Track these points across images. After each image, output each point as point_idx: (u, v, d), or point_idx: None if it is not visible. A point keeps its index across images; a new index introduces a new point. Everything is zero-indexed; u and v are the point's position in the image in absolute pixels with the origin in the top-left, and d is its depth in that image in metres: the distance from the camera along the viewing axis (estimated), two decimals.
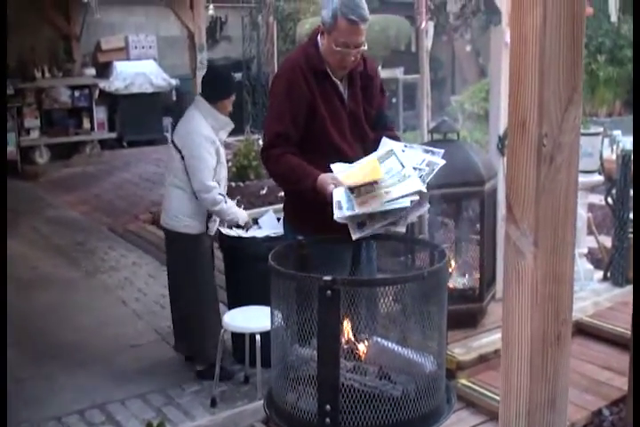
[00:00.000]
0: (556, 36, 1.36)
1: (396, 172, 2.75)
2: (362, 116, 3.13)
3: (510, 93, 1.44)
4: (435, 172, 2.75)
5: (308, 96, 3.00)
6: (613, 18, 9.43)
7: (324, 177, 2.85)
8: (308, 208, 2.99)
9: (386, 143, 2.98)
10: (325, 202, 2.77)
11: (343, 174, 2.81)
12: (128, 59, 11.56)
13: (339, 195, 2.73)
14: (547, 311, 1.49)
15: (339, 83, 3.08)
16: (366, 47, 3.01)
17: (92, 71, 11.24)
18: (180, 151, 4.06)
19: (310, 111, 3.01)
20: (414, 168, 2.77)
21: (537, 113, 1.38)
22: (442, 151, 2.86)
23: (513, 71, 1.43)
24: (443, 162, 2.79)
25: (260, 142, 9.73)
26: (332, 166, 2.88)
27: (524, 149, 1.42)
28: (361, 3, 2.93)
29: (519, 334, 1.52)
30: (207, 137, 4.01)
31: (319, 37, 3.05)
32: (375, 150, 2.94)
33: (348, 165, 2.89)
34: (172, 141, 4.20)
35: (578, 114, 1.43)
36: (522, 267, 1.48)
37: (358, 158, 2.99)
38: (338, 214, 2.65)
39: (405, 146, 2.94)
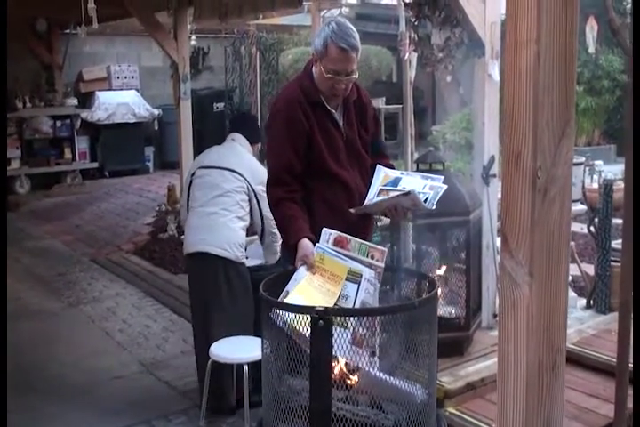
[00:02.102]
0: (549, 71, 1.40)
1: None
2: (358, 143, 3.20)
3: (505, 127, 1.48)
4: (439, 195, 2.83)
5: (307, 128, 3.05)
6: (591, 49, 9.63)
7: (302, 248, 2.85)
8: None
9: (380, 171, 3.04)
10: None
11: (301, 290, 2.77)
12: (110, 89, 11.62)
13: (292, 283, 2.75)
14: (542, 340, 1.51)
15: (334, 111, 3.14)
16: (357, 76, 3.08)
17: (73, 101, 11.27)
18: (247, 181, 4.05)
19: (308, 141, 3.07)
20: (418, 192, 2.84)
21: (531, 146, 1.42)
22: (441, 177, 2.94)
23: (508, 105, 1.47)
24: (445, 186, 2.87)
25: None
26: (324, 230, 2.86)
27: (519, 181, 1.46)
28: (351, 32, 3.01)
29: (515, 362, 1.54)
30: None
31: (313, 67, 3.11)
32: (371, 178, 3.02)
33: (335, 233, 2.85)
34: (232, 170, 4.08)
35: (570, 147, 1.47)
36: (517, 296, 1.50)
37: (356, 184, 3.06)
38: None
39: (402, 173, 3.01)
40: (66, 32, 11.12)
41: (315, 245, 2.83)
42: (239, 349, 3.73)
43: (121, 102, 11.39)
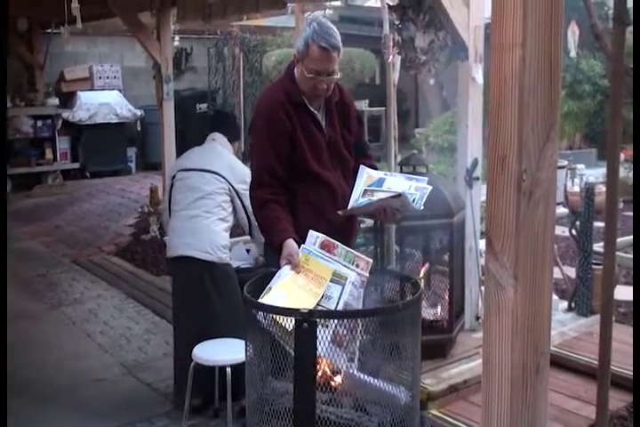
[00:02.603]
0: (534, 75, 1.41)
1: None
2: (341, 144, 3.20)
3: (491, 130, 1.48)
4: (426, 195, 2.84)
5: (289, 129, 3.06)
6: (572, 53, 9.70)
7: (287, 247, 2.86)
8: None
9: (364, 171, 3.05)
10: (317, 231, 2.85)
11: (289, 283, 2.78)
12: (92, 89, 11.55)
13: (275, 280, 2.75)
14: (526, 343, 1.52)
15: (316, 112, 3.15)
16: (338, 76, 3.08)
17: (55, 101, 11.21)
18: (228, 182, 4.05)
19: (291, 142, 3.07)
20: (405, 192, 2.86)
21: (516, 149, 1.42)
22: (426, 178, 2.96)
23: (493, 108, 1.47)
24: (430, 187, 2.88)
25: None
26: (310, 232, 2.87)
27: (504, 184, 1.46)
28: (333, 32, 3.03)
29: (499, 365, 1.54)
30: None
31: (295, 68, 3.12)
32: (354, 178, 3.03)
33: (321, 236, 2.87)
34: (212, 171, 4.07)
35: (555, 150, 1.48)
36: (502, 299, 1.51)
37: (340, 185, 3.07)
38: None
39: (385, 174, 3.01)
40: (47, 31, 11.05)
41: (300, 246, 2.84)
42: (222, 351, 3.72)
43: (103, 103, 11.33)
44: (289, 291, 2.70)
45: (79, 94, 11.34)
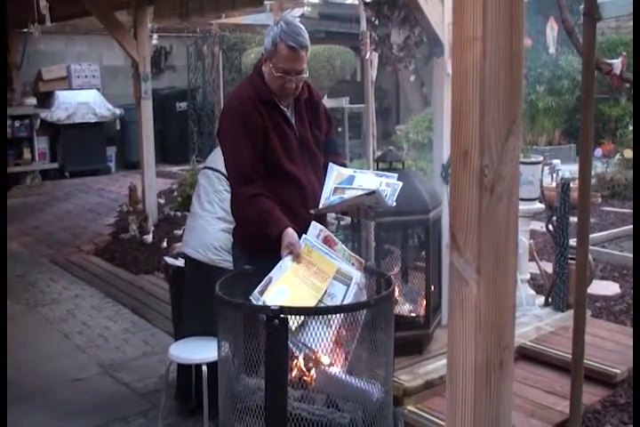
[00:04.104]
0: (495, 69, 1.41)
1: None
2: (311, 141, 3.18)
3: (452, 124, 1.48)
4: (397, 191, 2.84)
5: (262, 126, 3.04)
6: (552, 49, 9.75)
7: (288, 236, 2.83)
8: (263, 237, 2.99)
9: (332, 169, 3.04)
10: None
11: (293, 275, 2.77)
12: (70, 88, 11.48)
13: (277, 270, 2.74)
14: (490, 338, 1.51)
15: (286, 110, 3.13)
16: (307, 75, 3.07)
17: (32, 101, 11.12)
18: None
19: (264, 140, 3.04)
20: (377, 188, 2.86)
21: (478, 144, 1.42)
22: (395, 175, 2.96)
23: (454, 103, 1.47)
24: (400, 183, 2.88)
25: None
26: (314, 224, 2.88)
27: (467, 179, 1.46)
28: (301, 30, 3.00)
29: (463, 360, 1.54)
30: None
31: (263, 67, 3.10)
32: (324, 176, 3.02)
33: (320, 228, 2.88)
34: (215, 169, 4.03)
35: (517, 145, 1.47)
36: (465, 294, 1.50)
37: (310, 183, 3.05)
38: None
39: (355, 171, 3.01)
40: (24, 31, 10.95)
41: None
42: (198, 349, 3.71)
43: (81, 102, 11.26)
44: (292, 286, 2.67)
45: (57, 94, 11.27)
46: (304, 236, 2.82)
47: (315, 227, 2.84)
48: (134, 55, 7.73)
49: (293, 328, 2.44)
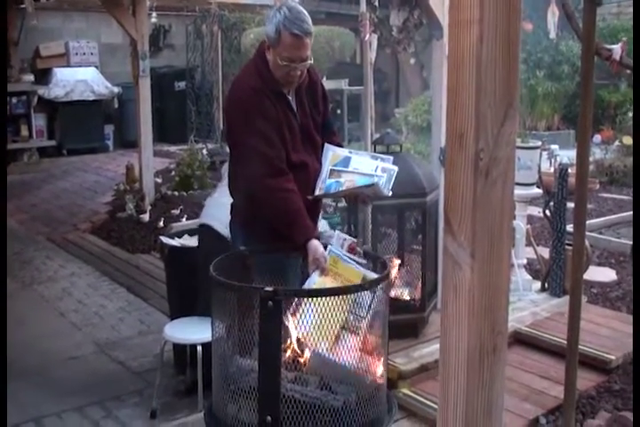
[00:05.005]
0: (492, 53, 1.39)
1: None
2: (311, 127, 3.13)
3: (448, 108, 1.47)
4: (393, 178, 2.84)
5: (276, 118, 2.97)
6: (552, 34, 9.70)
7: (312, 250, 2.84)
8: (262, 218, 2.98)
9: (329, 150, 3.02)
10: None
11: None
12: (68, 65, 11.39)
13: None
14: (483, 323, 1.51)
15: (289, 98, 3.07)
16: (312, 61, 3.01)
17: (30, 77, 11.05)
18: None
19: (272, 130, 2.98)
20: (371, 175, 2.84)
21: (474, 128, 1.41)
22: (391, 158, 2.94)
23: (450, 86, 1.46)
24: (396, 168, 2.87)
25: (205, 152, 9.65)
26: (338, 234, 2.92)
27: (462, 163, 1.45)
28: (304, 17, 2.92)
29: (456, 345, 1.54)
30: None
31: (267, 55, 3.02)
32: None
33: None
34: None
35: (514, 129, 1.46)
36: (459, 279, 1.50)
37: (314, 170, 3.03)
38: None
39: (350, 152, 3.00)
40: (22, 7, 10.87)
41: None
42: (193, 329, 3.72)
43: (79, 79, 11.19)
44: None
45: (55, 71, 11.19)
46: (329, 247, 2.83)
47: (339, 238, 2.86)
48: (132, 33, 7.67)
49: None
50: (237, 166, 3.12)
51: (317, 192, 3.03)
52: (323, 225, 4.38)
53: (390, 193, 2.92)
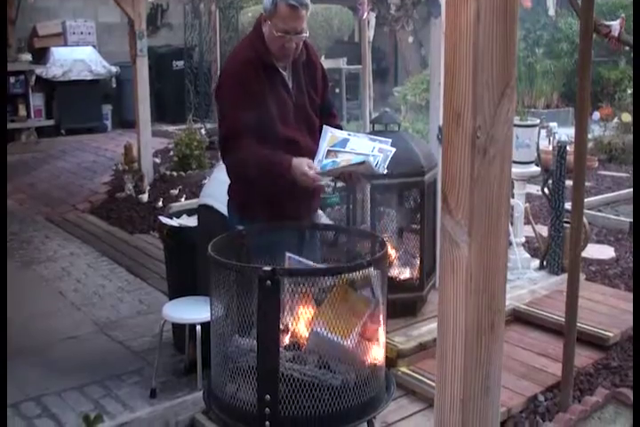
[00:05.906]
0: (489, 30, 1.38)
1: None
2: (307, 105, 3.14)
3: (445, 86, 1.46)
4: (389, 158, 2.84)
5: (261, 91, 2.99)
6: (551, 12, 9.62)
7: (296, 167, 2.89)
8: (259, 197, 2.98)
9: (327, 132, 3.02)
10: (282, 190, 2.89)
11: None
12: (66, 45, 11.31)
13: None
14: (480, 301, 1.51)
15: (284, 73, 3.08)
16: (307, 34, 3.02)
17: (27, 57, 10.96)
18: None
19: (260, 105, 2.99)
20: (368, 155, 2.84)
21: (471, 106, 1.40)
22: (389, 140, 2.95)
23: (447, 64, 1.45)
24: (393, 149, 2.87)
25: (203, 132, 9.60)
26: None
27: (459, 141, 1.44)
28: None
29: (454, 323, 1.54)
30: None
31: (262, 27, 3.04)
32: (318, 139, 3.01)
33: None
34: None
35: (511, 107, 1.45)
36: (456, 257, 1.50)
37: (307, 147, 3.04)
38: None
39: (349, 134, 2.99)
40: None
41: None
42: (192, 309, 3.73)
43: (77, 59, 11.11)
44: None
45: (52, 50, 11.10)
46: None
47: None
48: (129, 12, 7.62)
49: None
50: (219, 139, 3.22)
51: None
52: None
53: (385, 171, 2.91)
